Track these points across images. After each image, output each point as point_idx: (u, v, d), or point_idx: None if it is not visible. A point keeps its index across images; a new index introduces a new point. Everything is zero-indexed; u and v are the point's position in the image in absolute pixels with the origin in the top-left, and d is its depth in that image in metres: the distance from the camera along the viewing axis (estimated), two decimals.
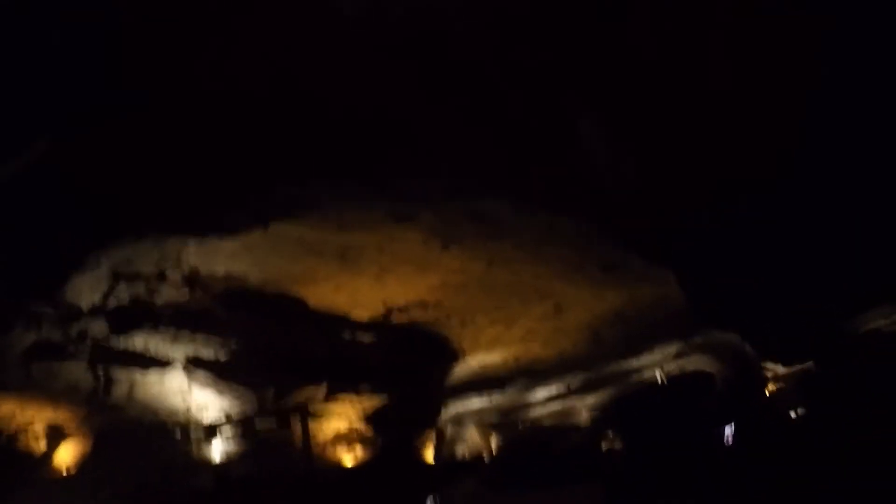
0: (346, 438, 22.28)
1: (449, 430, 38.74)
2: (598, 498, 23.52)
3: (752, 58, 12.47)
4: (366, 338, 21.26)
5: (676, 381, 41.44)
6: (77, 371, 16.55)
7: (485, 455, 41.01)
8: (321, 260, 16.98)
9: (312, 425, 21.60)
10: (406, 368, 22.51)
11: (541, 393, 38.29)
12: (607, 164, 13.81)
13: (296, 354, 20.21)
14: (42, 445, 16.97)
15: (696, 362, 40.38)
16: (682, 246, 18.37)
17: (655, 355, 35.76)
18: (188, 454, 19.44)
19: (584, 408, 45.56)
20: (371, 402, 22.05)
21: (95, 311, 16.05)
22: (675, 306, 24.71)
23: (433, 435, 24.23)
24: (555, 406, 43.07)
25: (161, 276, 16.37)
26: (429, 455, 23.87)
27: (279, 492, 19.28)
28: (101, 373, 16.93)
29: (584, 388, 39.78)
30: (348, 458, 22.15)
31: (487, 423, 42.49)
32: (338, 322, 20.61)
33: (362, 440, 22.32)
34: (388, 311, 20.64)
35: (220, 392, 19.53)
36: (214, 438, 19.70)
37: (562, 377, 35.46)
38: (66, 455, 17.36)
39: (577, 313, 23.20)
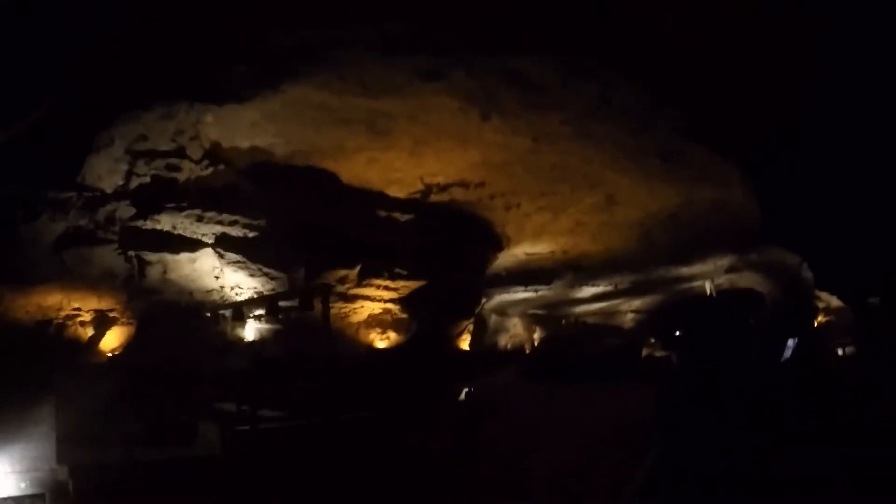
0: (380, 322, 21.02)
1: (492, 320, 37.56)
2: (636, 397, 22.21)
3: None
4: (403, 217, 19.69)
5: (725, 296, 39.69)
6: (109, 256, 15.99)
7: (527, 347, 39.93)
8: (349, 130, 15.18)
9: (345, 307, 20.31)
10: (445, 252, 20.99)
11: (587, 291, 36.71)
12: (673, 29, 11.57)
13: (328, 234, 18.73)
14: (89, 332, 16.99)
15: (748, 279, 38.36)
16: (755, 141, 16.24)
17: (707, 266, 33.71)
18: (223, 335, 18.72)
19: (629, 310, 44.07)
20: (406, 286, 20.70)
21: (120, 194, 15.14)
22: (734, 215, 22.73)
23: (471, 324, 22.67)
24: (600, 305, 41.63)
25: (180, 153, 15.05)
26: (464, 344, 22.45)
27: (311, 372, 18.05)
28: (133, 256, 16.43)
29: (632, 291, 38.11)
30: (381, 342, 20.88)
31: (532, 315, 41.33)
32: (373, 199, 19.04)
33: (396, 325, 21.09)
34: (427, 189, 18.99)
35: (251, 272, 18.38)
36: (248, 319, 18.73)
37: (609, 277, 33.71)
38: (112, 340, 17.47)
39: (630, 209, 21.27)
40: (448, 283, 21.25)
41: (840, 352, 28.11)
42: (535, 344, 38.82)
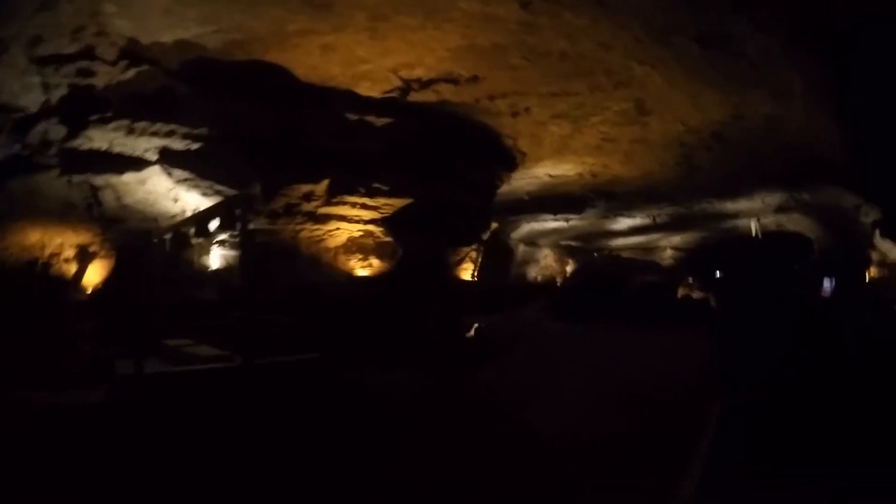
0: (360, 247, 16.51)
1: (521, 250, 32.75)
2: (672, 349, 18.61)
3: None
4: (378, 121, 14.96)
5: (771, 239, 34.30)
6: (56, 184, 13.45)
7: (558, 280, 35.15)
8: (283, 5, 10.49)
9: (318, 230, 15.96)
10: (438, 166, 16.28)
11: (623, 223, 31.55)
12: None
13: (288, 143, 14.50)
14: (73, 268, 15.11)
15: (797, 222, 32.68)
16: (831, 35, 10.98)
17: (754, 203, 28.10)
18: (189, 263, 15.63)
19: (668, 247, 38.76)
20: (389, 203, 16.18)
21: (46, 112, 12.04)
22: (791, 141, 17.32)
23: (474, 251, 17.89)
24: (638, 240, 36.48)
25: (89, 54, 11.21)
26: (466, 274, 17.73)
27: (282, 302, 14.07)
28: (81, 182, 13.81)
29: (671, 226, 32.84)
30: (362, 269, 16.41)
31: (565, 247, 36.45)
32: (340, 99, 14.36)
33: (379, 250, 16.62)
34: (405, 86, 14.11)
35: (203, 191, 14.62)
36: (211, 245, 15.69)
37: (646, 208, 28.47)
38: (93, 275, 15.51)
39: (666, 122, 16.18)
40: (443, 202, 16.56)
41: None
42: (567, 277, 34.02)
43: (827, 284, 29.50)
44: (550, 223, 31.03)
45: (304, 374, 11.67)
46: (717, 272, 38.82)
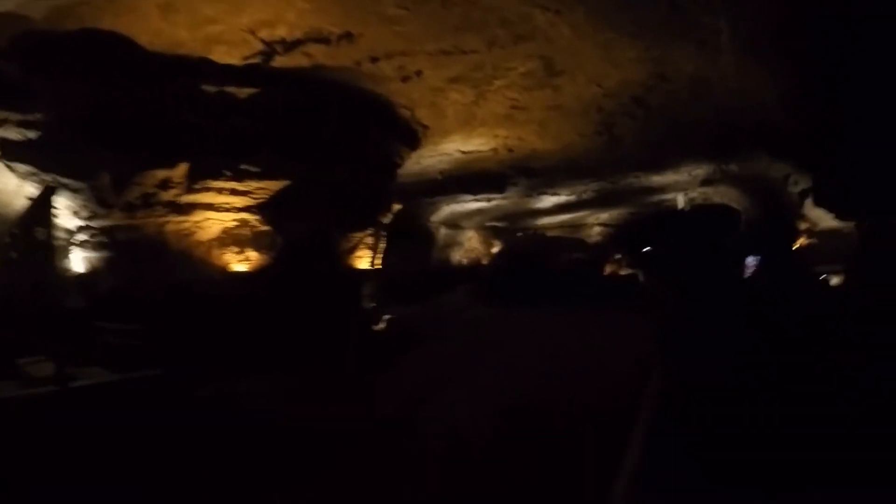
0: (236, 238, 13.84)
1: (442, 233, 30.34)
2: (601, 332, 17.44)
3: None
4: (242, 92, 12.30)
5: (698, 212, 32.92)
6: None
7: (484, 262, 32.92)
8: None
9: (185, 221, 13.31)
10: (320, 142, 13.65)
11: (548, 200, 29.42)
12: None
13: (136, 123, 11.70)
14: None
15: (725, 194, 31.22)
16: None
17: (680, 175, 26.29)
18: (53, 269, 12.98)
19: (595, 223, 36.96)
20: (263, 187, 13.52)
21: None
22: (718, 101, 15.33)
23: (369, 237, 15.37)
24: (565, 217, 34.53)
25: None
26: (362, 262, 15.19)
27: (154, 304, 12.30)
28: None
29: (597, 202, 30.91)
30: (239, 264, 13.78)
31: (491, 228, 34.24)
32: (194, 68, 11.66)
33: (256, 240, 13.91)
34: (269, 49, 11.45)
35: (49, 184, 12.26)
36: (73, 246, 13.31)
37: (570, 184, 26.32)
38: None
39: (580, 83, 13.91)
40: (328, 183, 14.00)
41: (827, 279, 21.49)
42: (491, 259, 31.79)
43: (751, 261, 28.54)
44: (472, 204, 28.70)
45: (139, 396, 9.32)
46: (646, 248, 37.25)
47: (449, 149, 18.92)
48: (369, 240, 15.33)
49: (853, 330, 10.93)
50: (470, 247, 33.80)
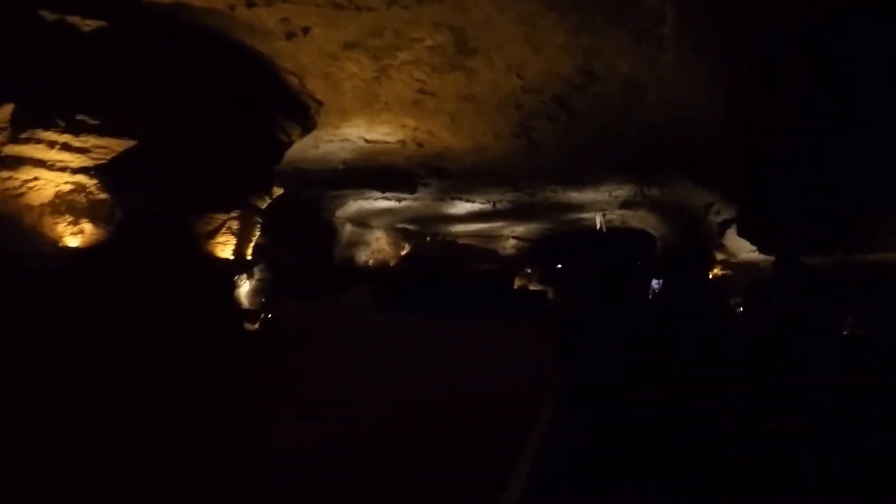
0: (71, 206, 11.02)
1: (347, 230, 27.83)
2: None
3: None
4: (86, 24, 9.60)
5: (616, 234, 31.48)
6: None
7: (393, 265, 30.51)
8: None
9: (11, 178, 10.55)
10: (177, 97, 10.99)
11: (462, 207, 27.29)
12: None
13: None
14: None
15: (643, 219, 29.87)
16: None
17: (601, 195, 24.62)
18: None
19: (511, 236, 35.14)
20: (104, 146, 10.79)
21: None
22: (651, 113, 13.55)
23: (235, 221, 12.73)
24: (480, 226, 32.55)
25: None
26: (223, 249, 12.54)
27: None
28: None
29: (513, 214, 29.02)
30: (72, 237, 11.04)
31: (402, 230, 31.90)
32: None
33: (92, 210, 11.08)
34: None
35: None
36: None
37: (485, 191, 24.26)
38: None
39: (497, 68, 11.75)
40: (186, 149, 11.33)
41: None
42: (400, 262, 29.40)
43: (655, 284, 27.44)
44: (381, 202, 26.30)
45: None
46: (559, 265, 35.63)
47: (351, 135, 16.48)
48: (234, 224, 12.69)
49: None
50: (378, 248, 31.37)
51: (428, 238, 29.62)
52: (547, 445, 6.81)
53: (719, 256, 24.76)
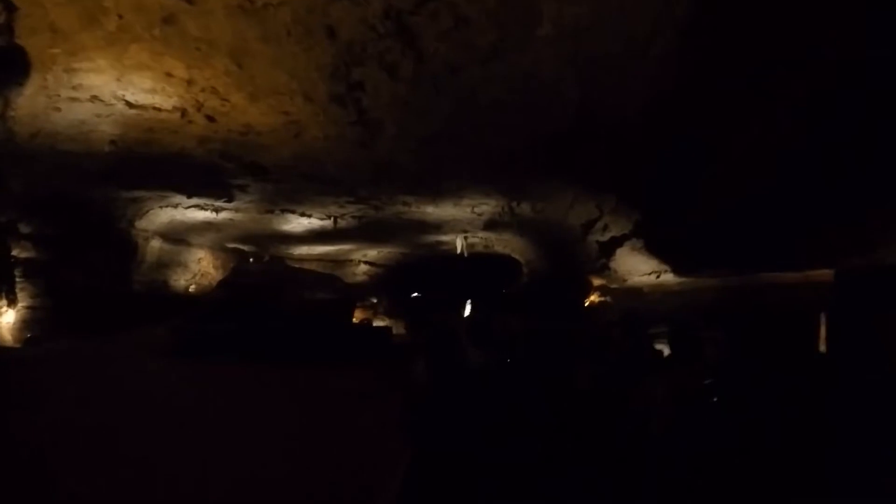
0: None
1: (155, 247, 21.26)
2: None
3: None
4: None
5: (479, 260, 26.71)
6: None
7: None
8: None
9: None
10: None
11: (299, 222, 21.48)
12: None
13: None
14: None
15: (508, 243, 25.26)
16: None
17: (462, 210, 19.55)
18: None
19: (361, 261, 29.59)
20: None
21: None
22: (546, 45, 8.32)
23: None
24: (325, 249, 26.80)
25: None
26: None
27: None
28: None
29: (362, 235, 23.51)
30: None
31: (233, 251, 25.60)
32: None
33: None
34: None
35: None
36: None
37: (319, 201, 18.63)
38: None
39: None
40: None
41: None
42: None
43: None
44: (197, 212, 20.03)
45: None
46: (414, 294, 30.35)
47: (102, 90, 10.53)
48: None
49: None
50: (201, 270, 24.85)
51: (251, 259, 23.47)
52: None
53: (597, 282, 20.40)
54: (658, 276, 14.38)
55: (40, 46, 9.11)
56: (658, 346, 7.81)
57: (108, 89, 10.59)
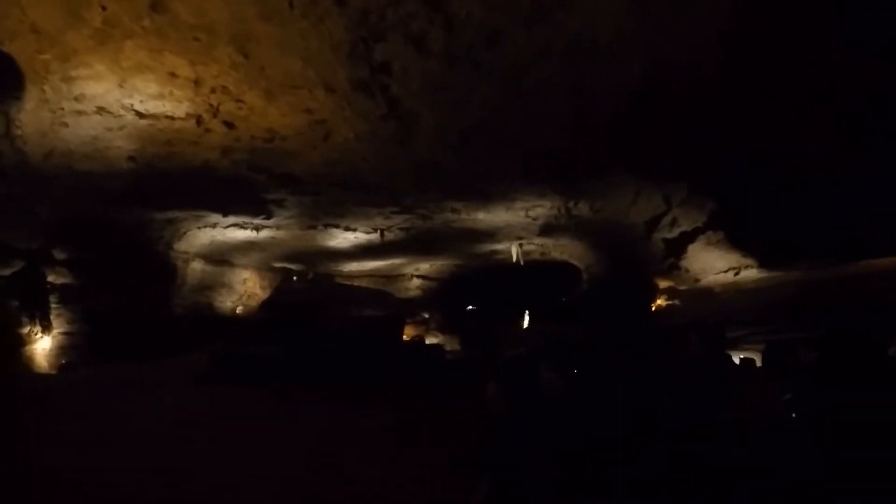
0: None
1: (196, 269, 20.36)
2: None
3: None
4: None
5: (536, 268, 25.00)
6: None
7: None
8: None
9: None
10: None
11: (343, 237, 20.21)
12: None
13: None
14: None
15: (566, 249, 23.45)
16: None
17: (516, 215, 17.89)
18: None
19: (414, 275, 28.21)
20: None
21: None
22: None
23: None
24: (375, 264, 25.51)
25: None
26: None
27: None
28: None
29: (412, 247, 22.13)
30: None
31: (280, 270, 24.62)
32: None
33: None
34: None
35: None
36: None
37: (365, 212, 17.24)
38: None
39: None
40: None
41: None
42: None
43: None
44: (237, 231, 18.99)
45: None
46: (470, 307, 28.76)
47: (107, 99, 9.45)
48: None
49: None
50: (247, 291, 23.91)
51: (295, 277, 22.33)
52: None
53: (664, 284, 18.49)
54: (737, 273, 12.51)
55: (28, 52, 8.04)
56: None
57: (112, 98, 9.49)
